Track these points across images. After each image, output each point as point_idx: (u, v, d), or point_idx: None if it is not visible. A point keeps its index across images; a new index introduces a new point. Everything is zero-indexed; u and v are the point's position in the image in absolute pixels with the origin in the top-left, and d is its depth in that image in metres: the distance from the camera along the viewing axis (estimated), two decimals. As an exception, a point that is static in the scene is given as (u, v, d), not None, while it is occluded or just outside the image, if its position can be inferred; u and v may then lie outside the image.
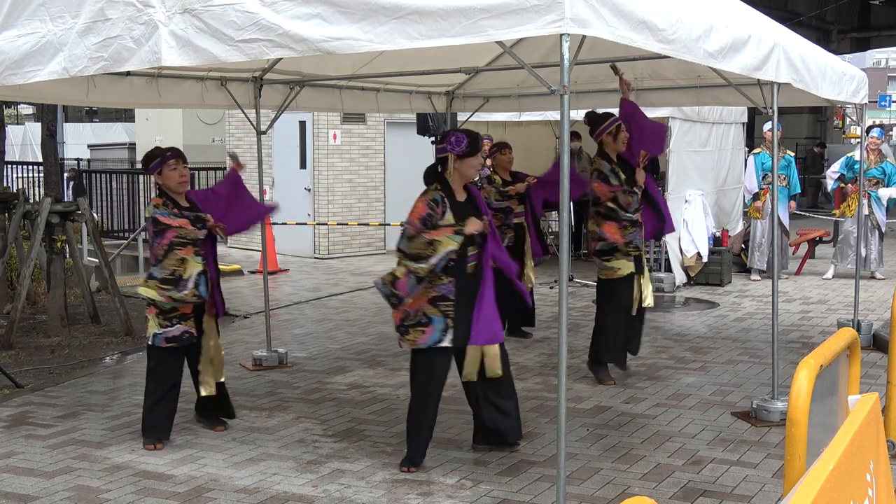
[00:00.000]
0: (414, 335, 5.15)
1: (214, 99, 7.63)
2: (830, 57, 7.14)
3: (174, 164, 5.70)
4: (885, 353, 7.35)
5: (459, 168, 5.20)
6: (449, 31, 3.85)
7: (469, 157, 5.17)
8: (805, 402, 2.90)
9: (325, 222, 14.47)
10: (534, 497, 4.85)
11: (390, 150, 15.28)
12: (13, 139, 25.36)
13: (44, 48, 4.86)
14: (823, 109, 27.71)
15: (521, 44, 6.91)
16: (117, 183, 16.52)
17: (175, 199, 5.73)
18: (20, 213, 9.14)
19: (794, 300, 10.77)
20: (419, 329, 5.14)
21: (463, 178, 5.25)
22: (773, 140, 6.62)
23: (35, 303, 9.93)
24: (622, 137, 6.98)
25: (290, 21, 4.13)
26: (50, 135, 10.13)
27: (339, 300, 11.01)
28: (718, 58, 4.87)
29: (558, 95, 3.87)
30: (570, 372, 7.22)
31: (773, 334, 6.37)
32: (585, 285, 11.58)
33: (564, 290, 4.08)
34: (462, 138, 5.16)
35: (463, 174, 5.23)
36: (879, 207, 11.86)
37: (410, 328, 5.16)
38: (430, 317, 5.12)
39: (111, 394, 6.93)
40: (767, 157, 11.84)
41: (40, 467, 5.35)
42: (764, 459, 5.42)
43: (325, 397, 6.79)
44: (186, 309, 5.66)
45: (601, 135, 7.01)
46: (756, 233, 12.20)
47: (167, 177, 5.70)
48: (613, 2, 3.90)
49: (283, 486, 5.02)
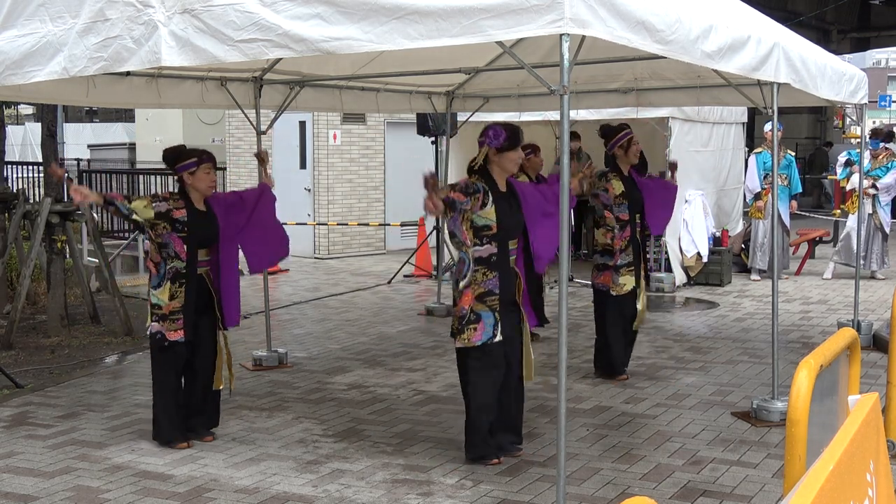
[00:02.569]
0: (468, 334, 5.16)
1: (214, 99, 7.63)
2: (830, 57, 7.14)
3: (208, 167, 5.67)
4: (885, 353, 7.35)
5: (498, 162, 5.20)
6: (449, 31, 3.86)
7: (508, 151, 5.17)
8: (805, 402, 2.89)
9: (325, 222, 14.48)
10: (534, 497, 4.85)
11: (390, 150, 15.28)
12: (13, 139, 25.34)
13: (44, 48, 4.87)
14: (823, 109, 27.70)
15: (520, 44, 6.91)
16: (117, 183, 16.52)
17: (194, 200, 5.67)
18: (20, 213, 9.14)
19: (794, 300, 10.77)
20: (471, 327, 5.15)
21: (503, 171, 5.25)
22: (773, 140, 6.62)
23: (35, 303, 9.92)
24: (634, 150, 7.02)
25: (289, 21, 4.13)
26: (50, 135, 10.13)
27: (339, 300, 11.01)
28: (717, 58, 4.88)
29: (558, 95, 3.87)
30: (570, 372, 7.22)
31: (773, 334, 6.37)
32: (585, 285, 11.57)
33: (564, 290, 4.09)
34: (500, 132, 5.16)
35: (503, 168, 5.23)
36: (883, 208, 11.84)
37: (465, 327, 5.17)
38: (479, 313, 5.14)
39: (111, 394, 6.93)
40: (769, 156, 11.83)
41: (40, 467, 5.35)
42: (764, 459, 5.42)
43: (325, 397, 6.79)
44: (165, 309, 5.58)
45: (613, 148, 7.03)
46: (758, 233, 12.20)
47: (200, 178, 5.64)
48: (612, 2, 3.90)
49: (283, 486, 5.02)
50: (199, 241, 5.66)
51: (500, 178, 5.27)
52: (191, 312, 5.64)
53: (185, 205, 5.63)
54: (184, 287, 5.61)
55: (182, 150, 5.76)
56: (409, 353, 8.16)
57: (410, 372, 7.49)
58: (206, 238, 5.71)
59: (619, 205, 6.98)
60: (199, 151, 5.73)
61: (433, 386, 7.03)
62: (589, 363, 7.58)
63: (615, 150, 7.03)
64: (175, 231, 5.56)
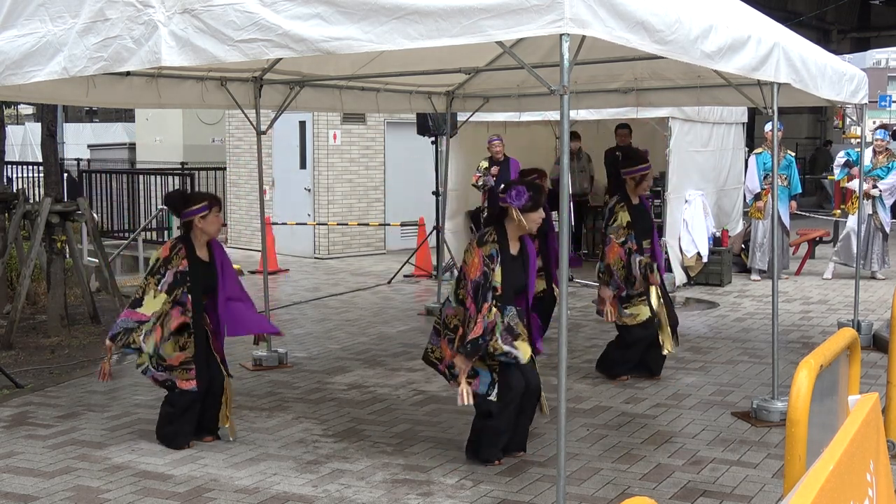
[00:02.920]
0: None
1: (214, 99, 7.62)
2: (830, 57, 7.13)
3: (217, 210, 5.63)
4: (885, 353, 7.35)
5: (519, 221, 5.21)
6: (449, 31, 3.85)
7: (530, 212, 5.19)
8: (805, 402, 2.89)
9: (325, 222, 14.47)
10: (534, 497, 4.85)
11: (390, 150, 15.28)
12: (13, 139, 25.35)
13: (44, 48, 4.86)
14: (823, 109, 27.71)
15: (521, 44, 6.91)
16: (117, 183, 16.52)
17: (196, 247, 5.59)
18: (20, 213, 9.14)
19: (794, 300, 10.77)
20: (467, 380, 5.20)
21: (520, 230, 5.27)
22: (773, 140, 6.62)
23: (35, 303, 9.92)
24: (644, 186, 7.04)
25: (289, 21, 4.13)
26: (50, 135, 10.13)
27: (339, 300, 11.01)
28: (716, 58, 4.87)
29: (558, 95, 3.87)
30: (570, 372, 7.22)
31: (773, 334, 6.37)
32: (585, 285, 11.59)
33: (564, 290, 4.09)
34: (523, 192, 5.15)
35: (521, 227, 5.25)
36: (883, 208, 11.85)
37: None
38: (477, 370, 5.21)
39: (111, 394, 6.93)
40: (769, 156, 11.83)
41: (40, 467, 5.35)
42: (764, 459, 5.42)
43: (325, 397, 6.79)
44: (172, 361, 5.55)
45: (625, 175, 7.03)
46: (757, 233, 12.20)
47: (211, 222, 5.59)
48: (612, 2, 3.90)
49: (283, 486, 5.02)
50: (204, 289, 5.62)
51: (514, 235, 5.29)
52: (202, 361, 5.60)
53: (187, 253, 5.56)
54: (192, 337, 5.58)
55: (189, 195, 5.72)
56: (409, 353, 8.16)
57: (410, 372, 7.49)
58: (209, 286, 5.65)
59: (625, 235, 6.91)
60: (207, 195, 5.69)
61: (433, 386, 7.03)
62: (589, 363, 7.59)
63: (627, 178, 7.03)
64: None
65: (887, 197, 11.78)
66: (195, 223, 5.58)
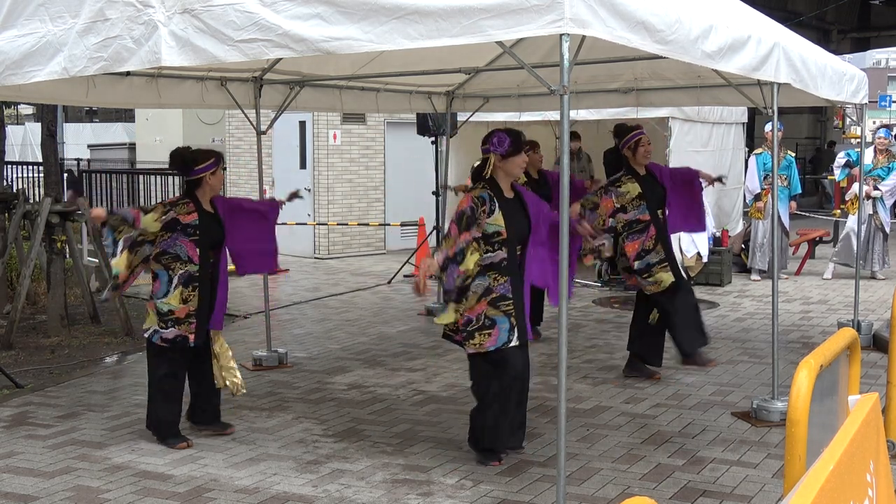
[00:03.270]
0: (480, 339, 5.15)
1: (214, 99, 7.63)
2: (830, 57, 7.13)
3: (222, 166, 5.74)
4: (885, 353, 7.35)
5: (503, 167, 5.27)
6: (449, 31, 3.86)
7: (513, 157, 5.25)
8: (805, 402, 2.89)
9: (325, 222, 14.48)
10: (534, 497, 4.85)
11: (390, 150, 15.28)
12: (13, 139, 25.33)
13: (43, 48, 4.86)
14: (823, 109, 27.72)
15: (521, 44, 6.91)
16: (117, 183, 16.52)
17: (203, 203, 5.68)
18: (20, 213, 9.14)
19: (794, 300, 10.77)
20: (485, 333, 5.14)
21: (508, 176, 5.32)
22: (773, 140, 6.62)
23: (35, 303, 9.92)
24: (642, 153, 6.94)
25: (289, 21, 4.13)
26: (50, 135, 10.13)
27: (339, 300, 11.01)
28: (716, 58, 4.87)
29: (558, 95, 3.87)
30: (570, 372, 7.22)
31: (773, 334, 6.37)
32: (586, 285, 11.60)
33: (564, 290, 4.09)
34: (504, 138, 5.23)
35: (508, 173, 5.30)
36: (884, 208, 11.85)
37: (476, 332, 5.16)
38: (494, 318, 5.14)
39: (111, 394, 6.93)
40: (769, 157, 11.83)
41: (40, 467, 5.35)
42: (764, 459, 5.42)
43: (325, 397, 6.79)
44: (180, 313, 5.60)
45: (622, 149, 7.00)
46: (757, 233, 12.20)
47: (219, 178, 5.70)
48: (612, 2, 3.90)
49: (283, 486, 5.02)
50: (211, 243, 5.68)
51: (506, 183, 5.32)
52: (204, 315, 5.65)
53: (196, 208, 5.63)
54: (197, 290, 5.61)
55: (195, 152, 5.75)
56: (409, 353, 8.16)
57: (410, 372, 7.49)
58: (217, 240, 5.74)
59: (637, 207, 6.87)
60: (212, 152, 5.76)
61: (433, 386, 7.03)
62: (589, 363, 7.59)
63: (624, 151, 7.00)
64: (186, 235, 5.56)
65: (888, 198, 11.78)
66: (206, 179, 5.65)
